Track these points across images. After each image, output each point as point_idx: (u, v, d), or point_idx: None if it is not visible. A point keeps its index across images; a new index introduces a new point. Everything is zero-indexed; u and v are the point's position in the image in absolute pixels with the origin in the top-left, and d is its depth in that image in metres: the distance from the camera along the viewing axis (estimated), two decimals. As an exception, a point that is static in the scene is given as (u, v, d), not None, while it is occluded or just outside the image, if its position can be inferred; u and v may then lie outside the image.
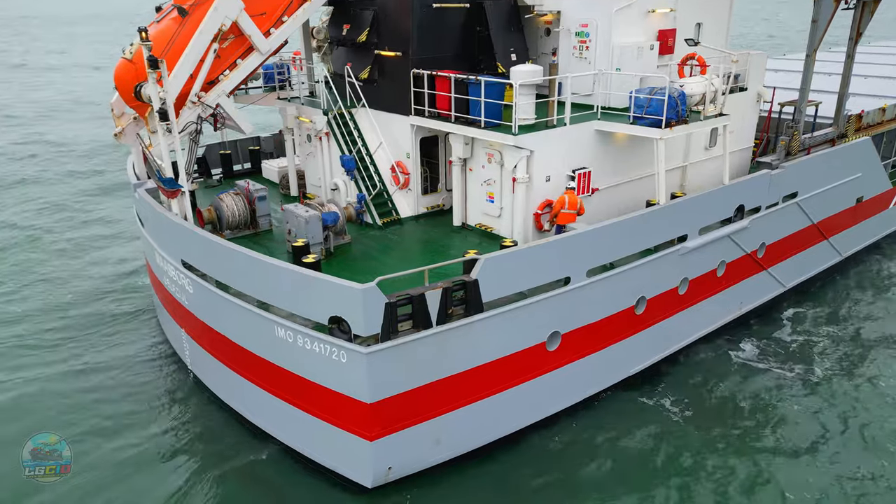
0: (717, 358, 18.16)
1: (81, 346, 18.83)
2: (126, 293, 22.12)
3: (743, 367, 17.79)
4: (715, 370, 17.57)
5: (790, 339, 19.23)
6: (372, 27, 17.88)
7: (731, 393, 16.59)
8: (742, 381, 17.12)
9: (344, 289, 11.32)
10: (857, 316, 20.73)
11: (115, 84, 16.78)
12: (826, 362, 18.00)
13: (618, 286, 14.92)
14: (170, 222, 14.98)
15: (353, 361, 11.69)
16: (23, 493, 13.06)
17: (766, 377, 17.25)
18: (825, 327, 19.94)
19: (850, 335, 19.49)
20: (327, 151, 18.91)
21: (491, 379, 13.33)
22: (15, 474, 13.08)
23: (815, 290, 22.32)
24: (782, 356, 18.29)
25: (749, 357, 18.24)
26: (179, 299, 15.90)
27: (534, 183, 15.54)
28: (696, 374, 17.35)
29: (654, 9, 17.71)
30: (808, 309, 21.08)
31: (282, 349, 12.81)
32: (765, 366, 17.77)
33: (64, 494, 13.17)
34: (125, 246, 26.06)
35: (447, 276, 12.63)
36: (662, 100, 14.76)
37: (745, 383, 17.01)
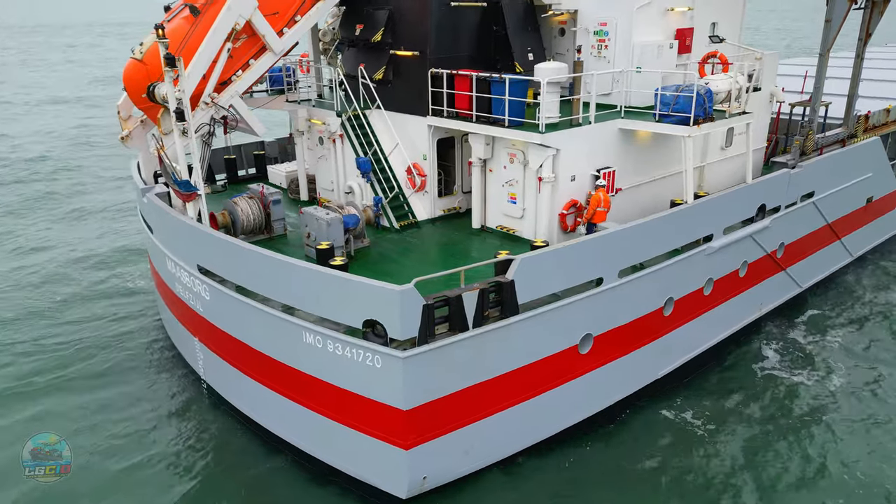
0: (738, 364, 17.78)
1: (84, 355, 18.19)
2: (127, 299, 21.50)
3: (764, 374, 17.33)
4: (736, 378, 17.14)
5: (809, 342, 18.94)
6: (387, 27, 17.53)
7: (753, 404, 15.98)
8: (763, 390, 16.58)
9: (381, 291, 10.88)
10: (874, 317, 20.58)
11: (125, 85, 16.28)
12: (845, 368, 17.62)
13: (648, 287, 14.62)
14: (185, 226, 14.45)
15: (389, 366, 11.23)
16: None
17: (789, 385, 16.75)
18: (842, 330, 19.73)
19: (868, 338, 19.26)
20: (341, 154, 18.49)
21: (525, 383, 12.93)
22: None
23: (829, 291, 22.20)
24: (802, 361, 17.92)
25: (770, 364, 17.80)
26: (193, 307, 15.34)
27: (559, 183, 15.23)
28: (716, 383, 16.90)
29: (673, 7, 17.55)
30: (824, 311, 20.91)
31: (309, 356, 12.32)
32: (786, 374, 17.29)
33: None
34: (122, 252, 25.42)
35: (474, 278, 12.20)
36: (690, 97, 14.55)
37: (766, 393, 16.44)
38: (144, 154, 18.33)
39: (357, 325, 11.47)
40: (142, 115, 17.97)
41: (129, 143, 17.96)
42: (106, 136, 43.95)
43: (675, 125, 14.94)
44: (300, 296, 12.14)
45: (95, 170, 37.63)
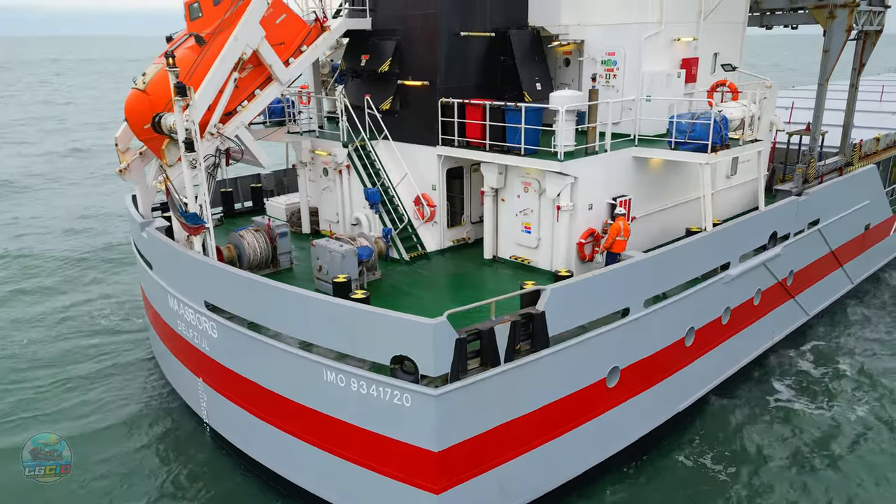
0: (750, 398, 17.19)
1: (75, 398, 17.20)
2: (116, 337, 20.57)
3: (778, 407, 16.78)
4: (750, 414, 16.49)
5: (819, 373, 18.60)
6: (394, 57, 17.34)
7: (771, 442, 15.40)
8: (779, 426, 15.97)
9: (412, 325, 10.36)
10: (880, 345, 20.45)
11: (126, 116, 15.77)
12: (859, 399, 17.27)
13: (671, 317, 14.30)
14: (193, 261, 13.83)
15: (420, 405, 10.64)
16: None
17: (805, 420, 16.19)
18: (850, 358, 19.50)
19: (880, 366, 19.04)
20: (347, 185, 18.06)
21: (556, 419, 12.40)
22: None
23: (833, 318, 22.13)
24: (815, 393, 17.48)
25: (784, 396, 17.27)
26: (198, 345, 14.60)
27: (577, 211, 14.96)
28: (730, 419, 16.23)
29: (679, 38, 17.67)
30: (829, 339, 20.72)
31: (330, 395, 11.66)
32: (800, 406, 16.78)
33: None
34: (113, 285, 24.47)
35: (500, 311, 11.70)
36: (706, 124, 14.48)
37: (782, 429, 15.88)
38: (142, 187, 17.69)
39: (384, 362, 10.90)
40: (140, 146, 17.44)
41: (126, 175, 17.32)
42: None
43: (693, 152, 14.83)
44: (321, 331, 11.54)
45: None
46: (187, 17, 16.17)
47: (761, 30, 22.56)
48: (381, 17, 17.82)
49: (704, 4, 18.03)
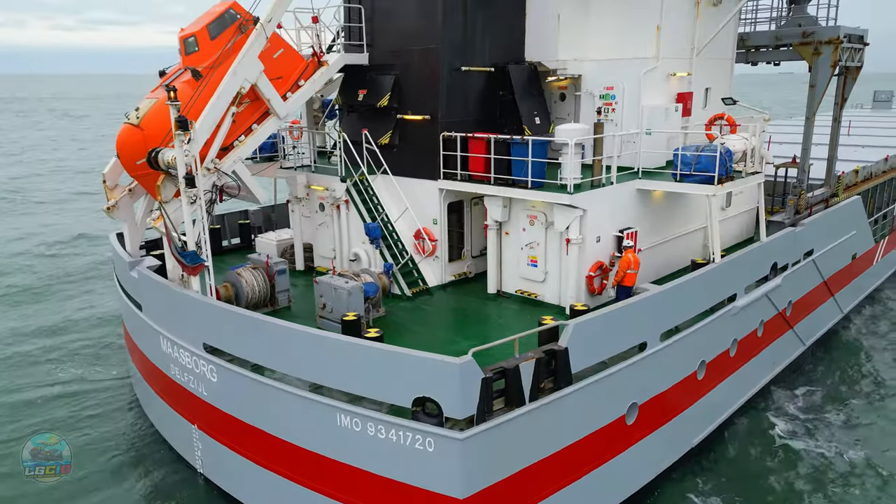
0: (753, 433, 16.74)
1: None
2: (101, 383, 19.49)
3: (783, 445, 16.24)
4: (756, 452, 16.01)
5: (818, 404, 18.37)
6: (393, 92, 17.18)
7: (779, 482, 14.85)
8: (786, 463, 15.56)
9: (436, 364, 9.89)
10: (874, 373, 20.51)
11: (118, 152, 15.22)
12: (860, 431, 17.01)
13: (685, 350, 14.06)
14: (191, 301, 13.18)
15: (445, 450, 10.08)
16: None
17: (811, 457, 15.71)
18: (848, 387, 19.49)
19: (878, 395, 19.07)
20: (345, 220, 17.64)
21: (577, 460, 11.92)
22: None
23: (826, 347, 22.22)
24: (817, 427, 17.04)
25: (785, 430, 16.82)
26: (194, 390, 13.84)
27: (586, 244, 14.76)
28: (735, 458, 15.75)
29: (675, 73, 17.91)
30: (824, 369, 20.71)
31: (344, 440, 11.03)
32: (803, 444, 16.25)
33: None
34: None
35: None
36: (712, 156, 14.53)
37: (790, 468, 15.39)
38: (131, 225, 17.00)
39: (405, 404, 10.36)
40: (129, 183, 16.83)
41: (115, 213, 16.62)
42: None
43: (699, 184, 14.84)
44: (335, 373, 10.97)
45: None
46: (182, 51, 15.82)
47: (745, 66, 23.11)
48: (378, 52, 17.71)
49: (697, 40, 18.36)
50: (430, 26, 16.23)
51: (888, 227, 28.40)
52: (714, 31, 18.27)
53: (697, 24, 18.30)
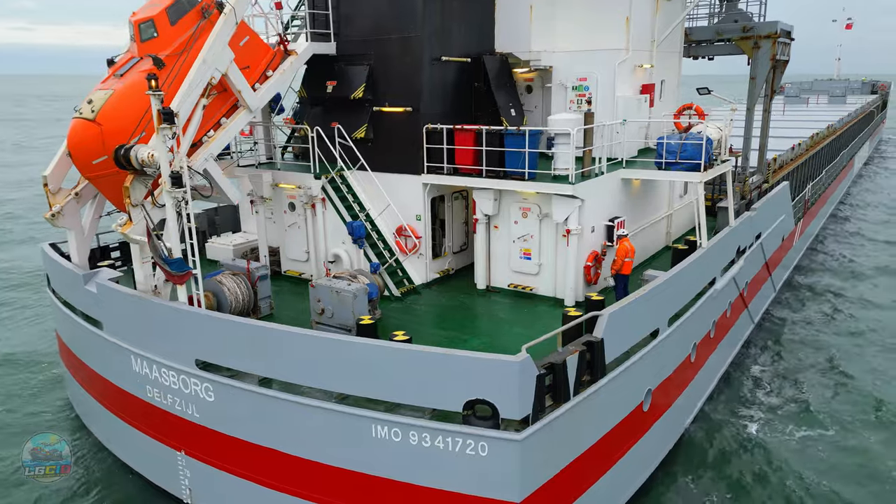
0: (722, 420, 16.63)
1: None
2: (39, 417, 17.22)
3: (749, 440, 15.82)
4: (729, 445, 15.64)
5: (775, 379, 19.17)
6: (367, 83, 16.36)
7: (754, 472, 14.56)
8: (756, 448, 15.37)
9: (493, 364, 9.40)
10: (823, 344, 21.87)
11: (71, 150, 13.48)
12: (815, 404, 17.38)
13: (684, 334, 14.40)
14: (183, 315, 11.85)
15: (500, 453, 9.62)
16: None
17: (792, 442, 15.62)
18: (798, 360, 20.65)
19: (829, 367, 19.83)
20: (321, 220, 16.62)
21: (607, 451, 11.84)
22: None
23: (766, 325, 23.69)
24: (780, 406, 17.37)
25: (756, 415, 16.76)
26: (180, 412, 12.48)
27: (584, 234, 14.75)
28: (713, 454, 15.17)
29: (642, 64, 18.34)
30: (775, 347, 21.78)
31: (380, 453, 10.28)
32: (769, 426, 16.30)
33: None
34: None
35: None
36: (699, 144, 14.96)
37: (762, 453, 15.19)
38: (78, 233, 15.12)
39: (455, 408, 9.79)
40: (75, 186, 14.95)
41: (59, 221, 14.69)
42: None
43: (686, 172, 15.23)
44: (371, 381, 10.18)
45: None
46: (137, 37, 14.23)
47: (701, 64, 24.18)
48: (346, 42, 16.81)
49: (657, 33, 18.90)
50: (409, 13, 15.59)
51: (801, 209, 30.85)
52: (668, 24, 18.90)
53: (657, 17, 18.85)
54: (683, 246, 16.30)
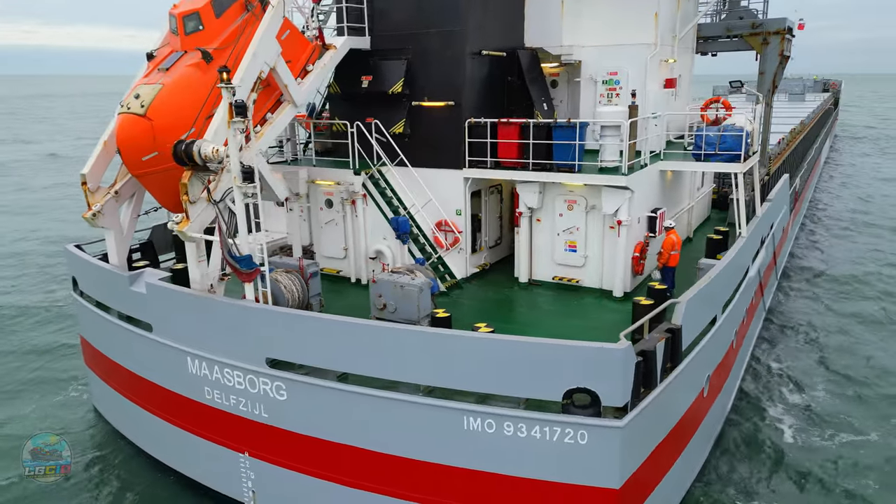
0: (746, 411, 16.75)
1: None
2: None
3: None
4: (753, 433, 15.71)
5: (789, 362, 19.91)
6: (405, 77, 16.26)
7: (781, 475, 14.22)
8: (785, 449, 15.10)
9: (597, 352, 9.49)
10: (820, 326, 22.66)
11: (120, 147, 13.06)
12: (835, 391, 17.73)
13: (731, 320, 14.76)
14: (256, 313, 11.60)
15: (601, 440, 9.72)
16: None
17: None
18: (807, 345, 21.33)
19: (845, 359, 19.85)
20: (362, 216, 16.45)
21: (681, 437, 12.08)
22: None
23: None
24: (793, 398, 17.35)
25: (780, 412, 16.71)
26: (245, 413, 12.24)
27: (633, 225, 14.97)
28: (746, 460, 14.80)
29: (667, 59, 18.68)
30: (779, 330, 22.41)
31: (474, 445, 10.26)
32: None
33: None
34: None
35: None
36: (739, 136, 15.34)
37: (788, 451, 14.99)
38: (118, 233, 14.62)
39: (553, 398, 9.85)
40: (111, 185, 14.46)
41: (99, 221, 14.18)
42: None
43: (727, 163, 15.59)
44: (465, 373, 10.15)
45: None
46: (180, 30, 13.83)
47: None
48: (381, 37, 16.68)
49: (679, 28, 19.28)
50: (451, 8, 15.54)
51: (792, 200, 31.89)
52: (684, 19, 19.32)
53: (678, 14, 19.23)
54: (718, 236, 16.73)
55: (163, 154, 12.94)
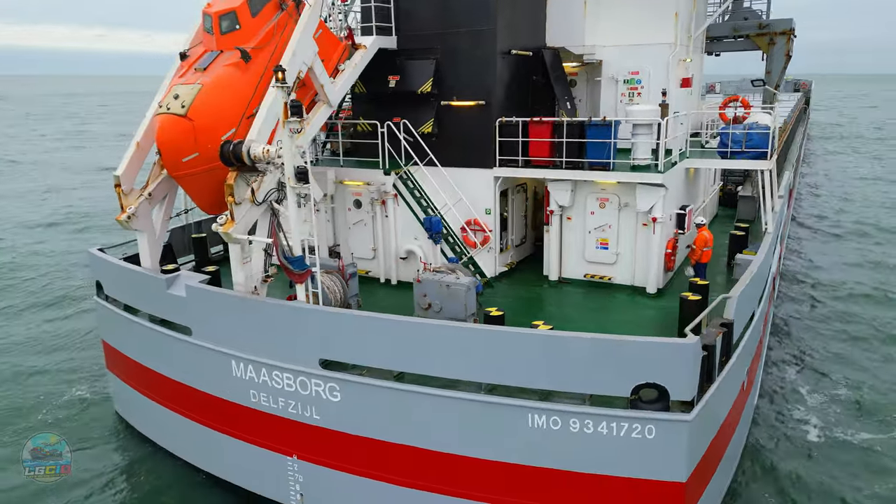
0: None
1: None
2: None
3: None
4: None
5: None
6: (434, 77, 16.25)
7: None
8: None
9: (668, 347, 9.62)
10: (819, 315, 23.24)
11: (161, 148, 12.89)
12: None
13: (762, 313, 15.04)
14: (310, 314, 11.51)
15: (669, 434, 9.84)
16: None
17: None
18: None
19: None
20: (392, 216, 16.40)
21: (729, 430, 12.30)
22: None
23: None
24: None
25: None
26: (295, 415, 12.14)
27: (666, 222, 15.17)
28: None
29: (684, 58, 18.97)
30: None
31: (538, 442, 10.31)
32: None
33: None
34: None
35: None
36: (765, 134, 15.65)
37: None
38: (151, 236, 14.37)
39: (621, 393, 9.96)
40: (144, 187, 14.20)
41: (133, 224, 13.92)
42: None
43: (752, 160, 15.88)
44: (536, 370, 10.19)
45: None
46: (216, 29, 13.64)
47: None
48: (407, 36, 16.65)
49: (693, 28, 19.60)
50: (482, 7, 15.57)
51: (787, 195, 32.57)
52: (699, 19, 19.65)
53: (693, 13, 19.54)
54: (740, 232, 17.05)
55: (203, 155, 12.78)
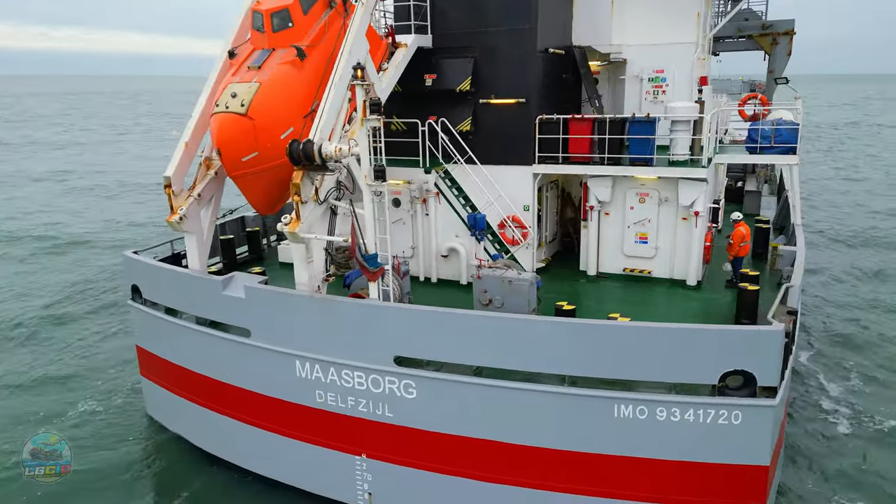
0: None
1: None
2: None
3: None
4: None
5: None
6: (472, 75, 16.36)
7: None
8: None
9: (757, 335, 9.96)
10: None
11: (221, 147, 12.71)
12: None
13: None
14: (385, 311, 11.52)
15: (756, 419, 10.19)
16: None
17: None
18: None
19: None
20: (434, 214, 16.44)
21: (785, 417, 12.75)
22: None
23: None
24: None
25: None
26: (365, 414, 12.15)
27: (705, 216, 15.60)
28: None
29: (703, 57, 19.49)
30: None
31: (625, 432, 10.55)
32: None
33: None
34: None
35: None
36: (794, 129, 16.22)
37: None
38: (199, 237, 14.10)
39: (708, 381, 10.26)
40: (191, 188, 13.93)
41: (183, 225, 13.64)
42: None
43: (783, 155, 16.43)
44: (622, 362, 10.41)
45: None
46: (268, 27, 13.50)
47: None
48: (443, 35, 16.71)
49: (708, 28, 20.16)
50: (521, 5, 15.73)
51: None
52: (712, 19, 20.24)
53: (709, 13, 20.10)
54: (765, 224, 17.64)
55: (263, 154, 12.67)
